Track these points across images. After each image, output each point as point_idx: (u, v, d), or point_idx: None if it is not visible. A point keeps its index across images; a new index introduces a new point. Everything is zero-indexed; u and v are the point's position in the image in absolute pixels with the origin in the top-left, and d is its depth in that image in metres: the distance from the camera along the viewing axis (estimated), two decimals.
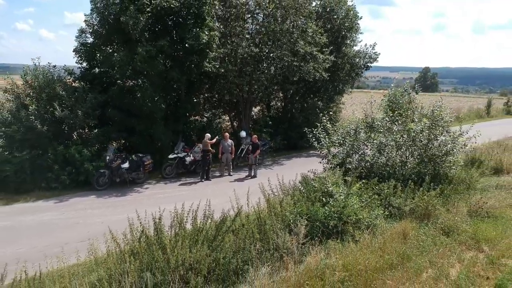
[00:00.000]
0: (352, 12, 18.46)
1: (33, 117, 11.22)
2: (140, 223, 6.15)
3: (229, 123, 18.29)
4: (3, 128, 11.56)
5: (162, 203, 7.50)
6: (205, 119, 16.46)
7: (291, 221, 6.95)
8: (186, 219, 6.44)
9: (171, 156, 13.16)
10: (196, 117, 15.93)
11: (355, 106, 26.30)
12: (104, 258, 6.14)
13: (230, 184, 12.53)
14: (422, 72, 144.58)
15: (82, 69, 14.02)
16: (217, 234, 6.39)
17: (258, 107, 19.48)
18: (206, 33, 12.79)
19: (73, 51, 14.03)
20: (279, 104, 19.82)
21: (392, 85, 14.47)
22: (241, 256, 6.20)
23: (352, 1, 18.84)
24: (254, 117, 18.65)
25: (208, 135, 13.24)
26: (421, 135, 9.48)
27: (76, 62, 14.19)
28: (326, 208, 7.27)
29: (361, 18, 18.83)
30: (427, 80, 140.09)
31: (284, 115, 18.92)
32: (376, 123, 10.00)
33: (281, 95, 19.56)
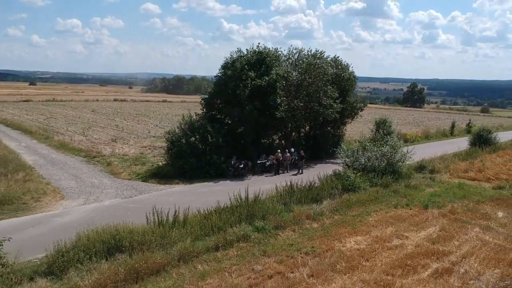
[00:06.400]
0: (352, 75, 30.36)
1: (197, 142, 22.58)
2: (275, 188, 17.65)
3: (278, 141, 29.89)
4: (177, 149, 22.95)
5: (263, 184, 18.86)
6: (267, 141, 28.09)
7: (333, 187, 18.48)
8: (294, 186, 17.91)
9: (258, 162, 24.62)
10: (265, 140, 27.54)
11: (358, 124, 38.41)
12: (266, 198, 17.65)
13: (290, 177, 23.93)
14: (410, 87, 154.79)
15: (204, 112, 25.65)
16: (309, 189, 17.90)
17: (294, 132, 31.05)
18: (278, 98, 24.45)
19: (200, 103, 25.75)
20: (307, 129, 31.41)
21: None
22: (319, 196, 17.70)
23: (352, 68, 30.80)
24: (292, 138, 30.18)
25: (279, 151, 24.83)
26: (387, 152, 21.14)
27: (200, 109, 25.95)
28: (347, 181, 18.84)
29: (357, 78, 30.78)
30: (415, 95, 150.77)
31: (310, 137, 30.52)
32: (366, 147, 21.65)
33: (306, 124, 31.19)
